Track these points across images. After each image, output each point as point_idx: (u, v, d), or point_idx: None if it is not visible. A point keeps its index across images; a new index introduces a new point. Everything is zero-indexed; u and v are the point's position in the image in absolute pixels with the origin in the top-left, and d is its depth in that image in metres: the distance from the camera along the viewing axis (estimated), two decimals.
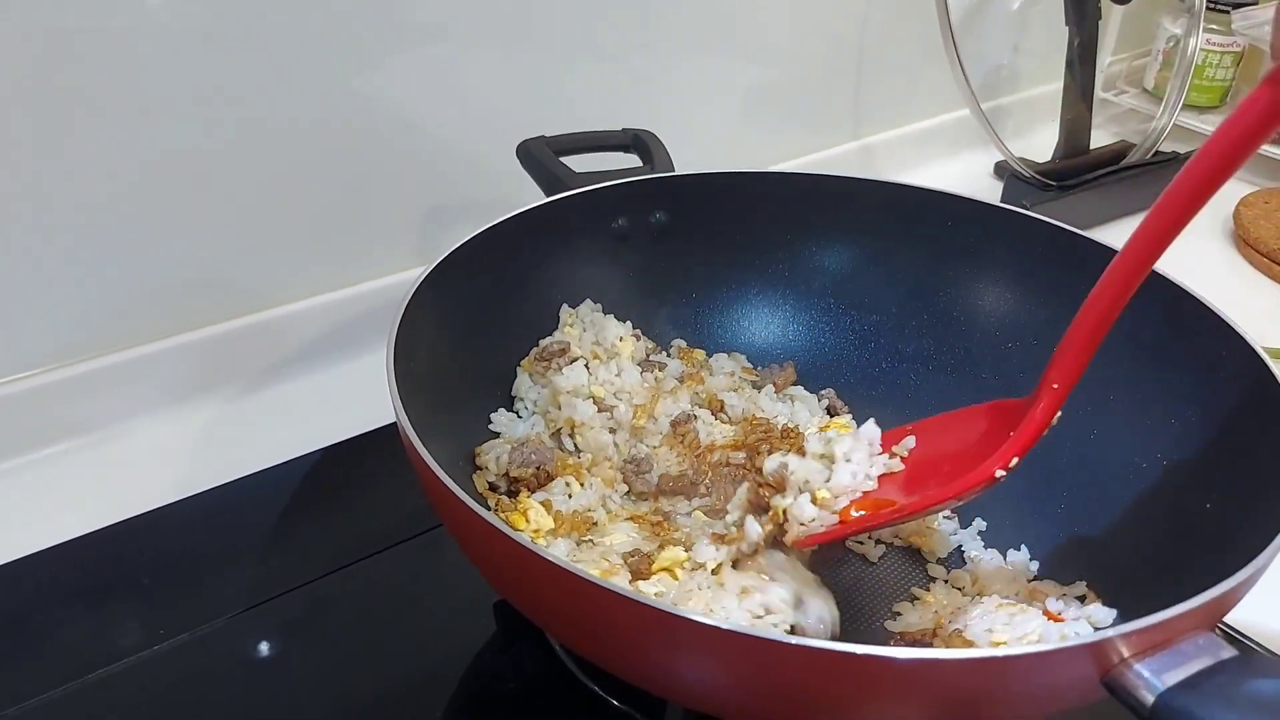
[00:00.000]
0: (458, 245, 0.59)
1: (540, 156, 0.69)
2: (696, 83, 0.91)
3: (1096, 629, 0.50)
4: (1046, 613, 0.51)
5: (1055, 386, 0.47)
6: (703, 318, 0.73)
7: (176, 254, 0.70)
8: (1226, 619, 0.52)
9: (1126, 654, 0.36)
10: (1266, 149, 1.08)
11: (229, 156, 0.69)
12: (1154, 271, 0.57)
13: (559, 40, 0.80)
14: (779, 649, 0.36)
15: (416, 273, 0.56)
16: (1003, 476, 0.48)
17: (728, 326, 0.73)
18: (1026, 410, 0.48)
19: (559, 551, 0.54)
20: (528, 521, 0.55)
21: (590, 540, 0.55)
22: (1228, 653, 0.36)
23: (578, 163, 0.69)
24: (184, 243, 0.70)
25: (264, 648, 0.56)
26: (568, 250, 0.67)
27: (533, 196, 0.65)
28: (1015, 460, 0.48)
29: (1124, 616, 0.36)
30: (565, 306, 0.68)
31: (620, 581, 0.51)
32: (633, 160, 0.72)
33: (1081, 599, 0.54)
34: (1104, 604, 0.52)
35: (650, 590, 0.51)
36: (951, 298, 0.69)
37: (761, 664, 0.37)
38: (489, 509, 0.55)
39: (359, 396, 0.62)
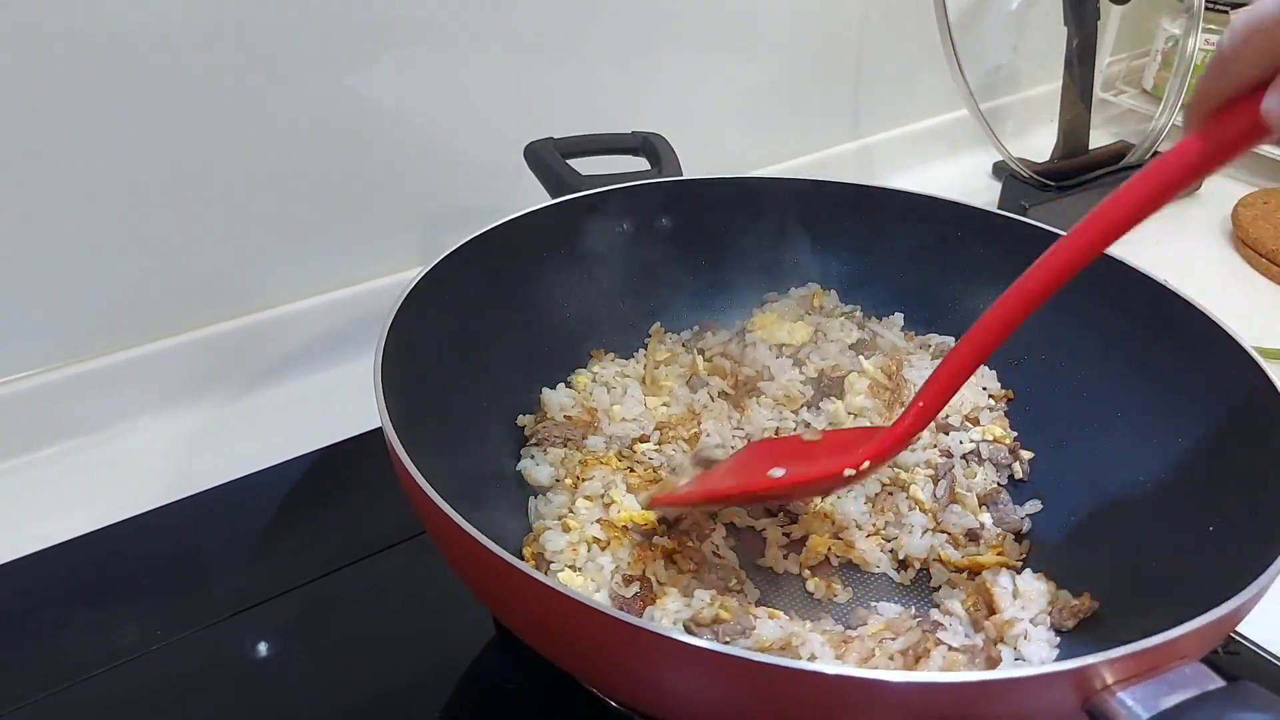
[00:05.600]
0: (456, 246, 0.59)
1: (547, 159, 0.69)
2: (695, 83, 0.91)
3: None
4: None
5: (920, 405, 0.50)
6: (706, 324, 0.73)
7: (175, 254, 0.70)
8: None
9: (1110, 681, 0.35)
10: (1266, 149, 1.08)
11: (228, 156, 0.69)
12: (1165, 288, 0.58)
13: (558, 39, 0.80)
14: (764, 670, 0.36)
15: (416, 273, 0.56)
16: (851, 475, 0.51)
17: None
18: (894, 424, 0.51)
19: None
20: None
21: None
22: (1214, 683, 0.35)
23: (586, 166, 0.69)
24: (183, 243, 0.70)
25: (263, 648, 0.57)
26: (571, 253, 0.67)
27: (538, 199, 0.66)
28: (866, 464, 0.51)
29: (1121, 640, 0.35)
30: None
31: (600, 597, 0.52)
32: (641, 164, 0.72)
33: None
34: (1106, 623, 0.52)
35: None
36: (957, 305, 0.69)
37: (747, 684, 0.37)
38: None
39: (359, 396, 0.62)
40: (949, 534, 0.60)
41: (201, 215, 0.70)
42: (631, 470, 0.61)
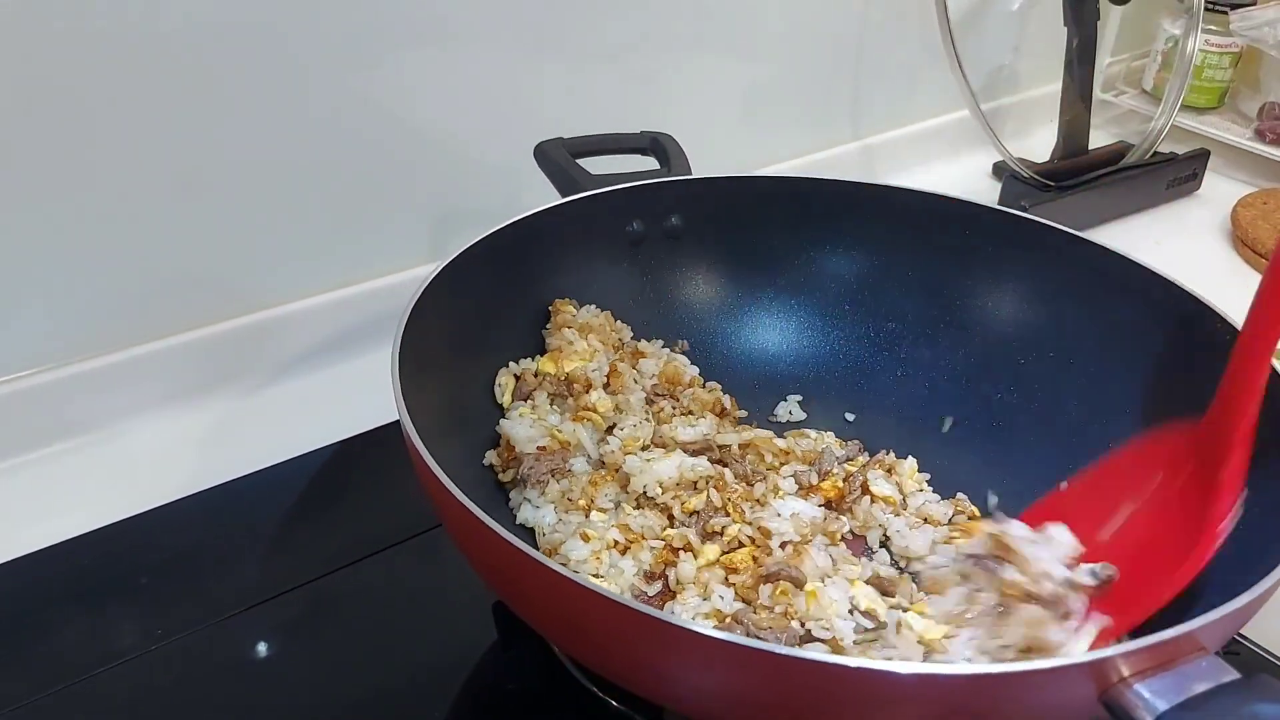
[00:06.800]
0: (470, 244, 0.59)
1: (557, 158, 0.69)
2: (695, 83, 0.91)
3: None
4: None
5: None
6: (715, 323, 0.72)
7: (178, 253, 0.70)
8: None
9: (1126, 673, 0.35)
10: (1265, 150, 1.08)
11: (243, 155, 0.69)
12: (1179, 287, 0.58)
13: (562, 40, 0.80)
14: (777, 661, 0.36)
15: (423, 271, 0.56)
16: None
17: (741, 332, 0.72)
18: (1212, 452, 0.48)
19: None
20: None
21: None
22: (1230, 675, 0.35)
23: (595, 166, 0.69)
24: (193, 242, 0.70)
25: (263, 648, 0.56)
26: (580, 252, 0.67)
27: (544, 198, 0.65)
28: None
29: (1137, 634, 0.36)
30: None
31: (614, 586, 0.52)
32: (651, 163, 0.72)
33: None
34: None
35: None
36: (969, 304, 0.69)
37: (759, 675, 0.37)
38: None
39: (361, 395, 0.63)
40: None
41: (213, 214, 0.70)
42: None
